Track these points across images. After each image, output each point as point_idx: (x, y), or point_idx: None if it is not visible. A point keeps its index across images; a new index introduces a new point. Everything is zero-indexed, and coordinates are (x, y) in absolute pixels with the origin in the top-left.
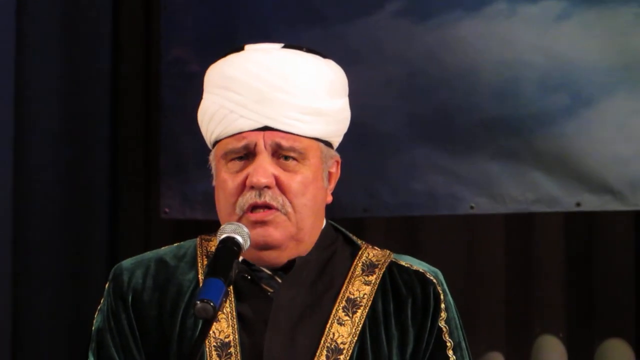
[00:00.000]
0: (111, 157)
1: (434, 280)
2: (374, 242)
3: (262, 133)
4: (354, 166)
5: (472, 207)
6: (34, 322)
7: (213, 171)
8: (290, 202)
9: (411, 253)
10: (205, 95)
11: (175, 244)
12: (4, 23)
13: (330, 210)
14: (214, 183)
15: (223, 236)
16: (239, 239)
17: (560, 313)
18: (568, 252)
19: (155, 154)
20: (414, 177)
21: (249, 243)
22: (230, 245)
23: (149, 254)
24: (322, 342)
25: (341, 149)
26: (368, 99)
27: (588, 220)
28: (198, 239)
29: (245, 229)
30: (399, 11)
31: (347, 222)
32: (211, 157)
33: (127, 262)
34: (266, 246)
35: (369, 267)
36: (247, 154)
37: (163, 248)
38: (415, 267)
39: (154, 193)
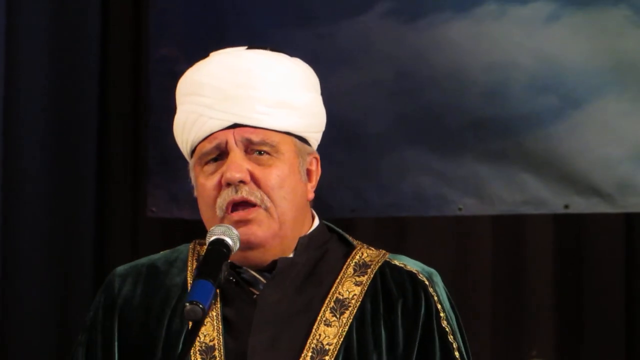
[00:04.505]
0: (98, 155)
1: (426, 282)
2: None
3: (231, 131)
4: (342, 166)
5: (460, 209)
6: (21, 322)
7: (193, 181)
8: (269, 196)
9: (399, 254)
10: (177, 108)
11: (171, 249)
12: None
13: (317, 210)
14: (195, 193)
15: (212, 238)
16: (229, 240)
17: (549, 315)
18: (557, 254)
19: (143, 152)
20: (402, 177)
21: (238, 245)
22: (219, 247)
23: (143, 260)
24: (308, 342)
25: (329, 148)
26: (357, 99)
27: (577, 222)
28: (192, 243)
29: (235, 231)
30: (388, 12)
31: (334, 223)
32: (190, 167)
33: (121, 269)
34: (250, 245)
35: (361, 268)
36: (220, 154)
37: (159, 253)
38: (408, 268)
39: (141, 192)
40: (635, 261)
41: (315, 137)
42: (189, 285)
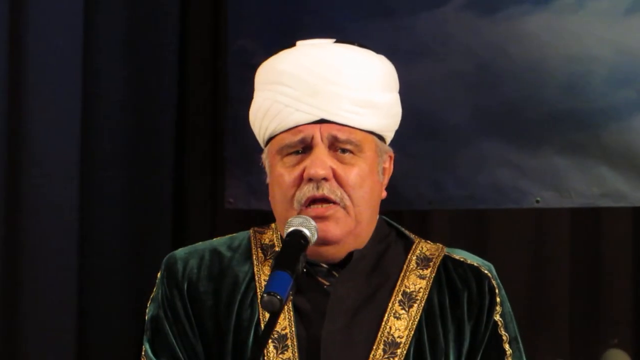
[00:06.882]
0: (178, 147)
1: (489, 274)
2: (439, 235)
3: (318, 126)
4: (420, 158)
5: (537, 201)
6: (99, 312)
7: (267, 168)
8: (349, 195)
9: (476, 246)
10: (256, 94)
11: (228, 235)
12: (73, 12)
13: (395, 202)
14: (267, 180)
15: (290, 229)
16: (307, 232)
17: (628, 307)
18: (636, 248)
19: (221, 143)
20: (480, 170)
21: (316, 236)
22: (297, 238)
23: (201, 244)
24: (378, 335)
25: (407, 140)
26: (435, 92)
27: None
28: (251, 230)
29: (313, 222)
30: (466, 4)
31: (412, 215)
32: (264, 154)
33: (180, 252)
34: (325, 241)
35: (424, 261)
36: (304, 148)
37: (216, 239)
38: (469, 261)
39: (220, 183)
40: None
41: (390, 136)
42: (255, 274)
